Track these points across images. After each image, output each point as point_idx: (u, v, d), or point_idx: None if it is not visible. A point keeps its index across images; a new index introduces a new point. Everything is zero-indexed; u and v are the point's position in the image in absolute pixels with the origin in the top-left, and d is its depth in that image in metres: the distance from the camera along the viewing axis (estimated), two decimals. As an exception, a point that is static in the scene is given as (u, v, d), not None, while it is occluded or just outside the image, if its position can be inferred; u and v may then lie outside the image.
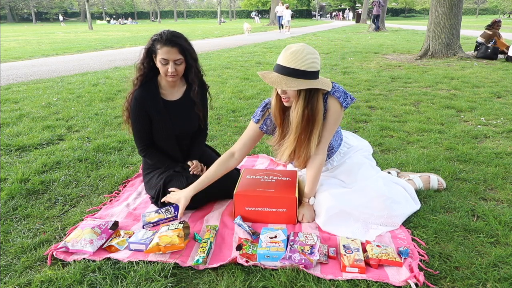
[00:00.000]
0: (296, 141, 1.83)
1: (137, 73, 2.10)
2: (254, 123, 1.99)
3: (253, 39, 16.02)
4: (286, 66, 1.68)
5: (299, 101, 1.75)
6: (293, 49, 1.68)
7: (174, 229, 1.74)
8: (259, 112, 1.98)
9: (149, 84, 2.11)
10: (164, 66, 1.99)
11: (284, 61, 1.68)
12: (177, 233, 1.69)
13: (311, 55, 1.69)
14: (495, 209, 2.06)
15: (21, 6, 59.89)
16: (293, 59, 1.67)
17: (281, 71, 1.69)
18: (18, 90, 5.46)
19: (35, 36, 20.03)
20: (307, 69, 1.68)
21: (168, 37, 1.97)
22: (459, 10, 7.99)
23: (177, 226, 1.76)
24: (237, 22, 47.50)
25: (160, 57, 1.97)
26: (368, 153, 2.23)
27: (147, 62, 2.06)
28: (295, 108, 1.77)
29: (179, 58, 1.99)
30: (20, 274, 1.58)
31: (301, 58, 1.67)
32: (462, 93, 5.05)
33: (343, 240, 1.75)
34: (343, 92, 1.85)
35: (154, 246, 1.64)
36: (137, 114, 2.10)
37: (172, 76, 2.02)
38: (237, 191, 1.98)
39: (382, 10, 20.00)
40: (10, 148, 3.09)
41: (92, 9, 58.34)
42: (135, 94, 2.08)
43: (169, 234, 1.69)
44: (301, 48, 1.68)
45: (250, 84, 5.81)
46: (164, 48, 1.96)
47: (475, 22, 32.24)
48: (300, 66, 1.66)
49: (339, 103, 1.84)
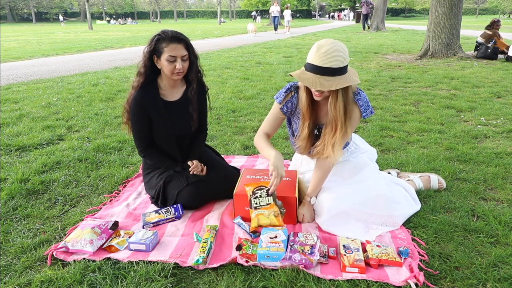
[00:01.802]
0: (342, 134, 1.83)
1: (138, 77, 2.08)
2: (278, 104, 2.01)
3: (252, 39, 16.03)
4: (322, 66, 1.68)
5: (338, 96, 1.76)
6: (325, 48, 1.68)
7: (266, 205, 1.82)
8: (283, 93, 1.99)
9: (149, 86, 2.10)
10: (171, 63, 1.99)
11: (318, 61, 1.68)
12: (272, 212, 1.80)
13: (342, 50, 1.70)
14: (495, 209, 2.06)
15: (21, 6, 59.89)
16: (328, 59, 1.67)
17: (318, 71, 1.69)
18: (18, 90, 5.46)
19: (35, 36, 20.04)
20: (341, 65, 1.69)
21: (173, 34, 1.99)
22: (459, 10, 7.99)
23: (268, 201, 1.82)
24: (237, 22, 47.51)
25: (167, 55, 1.97)
26: (373, 157, 2.24)
27: (149, 65, 2.05)
28: (336, 103, 1.77)
29: (185, 54, 2.01)
30: (20, 274, 1.58)
31: (335, 56, 1.67)
32: (462, 93, 5.05)
33: (343, 240, 1.75)
34: (366, 103, 1.88)
35: (257, 227, 1.79)
36: (137, 115, 2.10)
37: (178, 73, 2.02)
38: (237, 191, 1.98)
39: (382, 10, 20.01)
40: (10, 148, 3.09)
41: (92, 9, 58.35)
42: (135, 95, 2.08)
43: (264, 213, 1.80)
44: (333, 46, 1.69)
45: (250, 84, 5.81)
46: (171, 45, 1.97)
47: (475, 22, 32.24)
48: (335, 64, 1.68)
49: (360, 111, 1.87)
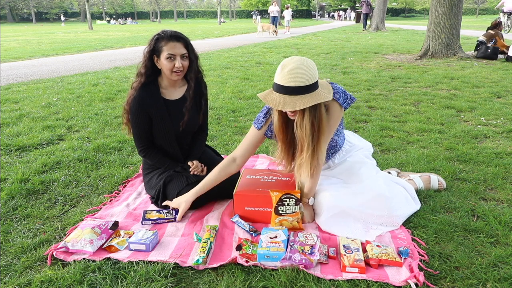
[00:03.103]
0: (312, 156, 1.77)
1: (139, 78, 2.09)
2: (256, 129, 1.96)
3: (252, 39, 16.02)
4: (287, 86, 1.63)
5: (305, 115, 1.69)
6: (290, 67, 1.63)
7: (292, 213, 1.86)
8: (262, 118, 1.94)
9: (149, 85, 2.11)
10: (170, 62, 2.00)
11: (283, 81, 1.63)
12: (296, 219, 1.86)
13: (308, 68, 1.64)
14: (495, 209, 2.06)
15: (21, 6, 59.89)
16: (292, 78, 1.62)
17: (282, 90, 1.64)
18: (18, 90, 5.46)
19: (35, 36, 20.03)
20: (307, 83, 1.63)
21: (172, 33, 2.01)
22: (459, 10, 7.98)
23: (294, 209, 1.86)
24: (237, 22, 47.50)
25: (166, 53, 1.98)
26: (369, 153, 2.24)
27: (149, 65, 2.06)
28: (302, 123, 1.70)
29: (184, 53, 2.02)
30: (20, 274, 1.58)
31: (300, 74, 1.62)
32: (462, 93, 5.05)
33: (343, 240, 1.75)
34: (343, 93, 1.84)
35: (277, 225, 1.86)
36: (137, 114, 2.10)
37: (178, 72, 2.03)
38: (237, 191, 1.99)
39: (382, 10, 20.01)
40: (10, 148, 3.09)
41: (92, 9, 58.34)
42: (135, 94, 2.08)
43: (288, 219, 1.86)
44: (297, 64, 1.63)
45: (250, 84, 5.81)
46: (170, 43, 1.98)
47: (475, 22, 32.22)
48: (300, 83, 1.62)
49: (339, 104, 1.84)
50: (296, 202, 1.85)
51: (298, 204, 1.86)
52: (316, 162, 1.82)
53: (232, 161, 1.99)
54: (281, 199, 1.85)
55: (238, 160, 1.99)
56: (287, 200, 1.85)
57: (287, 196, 1.85)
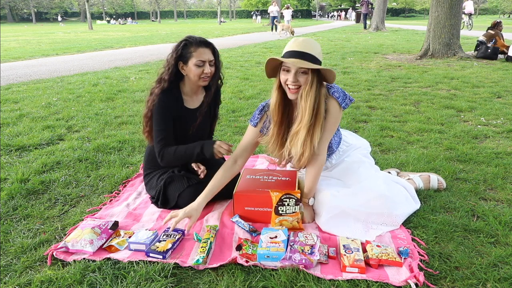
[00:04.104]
0: (308, 129, 1.80)
1: (162, 83, 2.01)
2: (253, 127, 1.98)
3: (252, 39, 16.02)
4: (300, 51, 1.74)
5: (312, 89, 1.76)
6: (303, 38, 1.78)
7: (292, 213, 1.86)
8: (257, 115, 1.97)
9: (171, 91, 2.05)
10: (199, 68, 1.96)
11: (298, 47, 1.75)
12: (296, 219, 1.86)
13: (318, 46, 1.81)
14: (495, 209, 2.06)
15: (21, 6, 59.89)
16: (307, 46, 1.75)
17: (295, 55, 1.74)
18: (18, 90, 5.46)
19: (35, 36, 20.03)
20: (318, 56, 1.77)
21: (201, 39, 1.99)
22: (459, 10, 7.99)
23: (294, 209, 1.86)
24: (237, 22, 47.50)
25: (195, 60, 1.95)
26: (367, 152, 2.24)
27: (174, 71, 2.01)
28: (308, 96, 1.76)
29: (212, 59, 2.00)
30: (20, 274, 1.58)
31: (313, 46, 1.77)
32: (462, 93, 5.05)
33: (343, 240, 1.75)
34: (342, 93, 1.87)
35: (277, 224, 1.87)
36: (163, 115, 2.03)
37: (205, 79, 2.00)
38: (237, 191, 1.99)
39: (382, 10, 20.00)
40: (10, 148, 3.09)
41: (92, 9, 58.31)
42: (161, 97, 2.00)
43: (288, 219, 1.86)
44: (309, 39, 1.80)
45: (250, 84, 5.81)
46: (199, 49, 1.96)
47: (475, 22, 32.21)
48: (313, 52, 1.75)
49: (338, 103, 1.86)
50: (296, 202, 1.85)
51: (298, 204, 1.86)
52: (310, 150, 1.83)
53: (234, 162, 1.99)
54: (281, 199, 1.85)
55: (239, 161, 2.00)
56: (287, 200, 1.85)
57: (287, 196, 1.85)
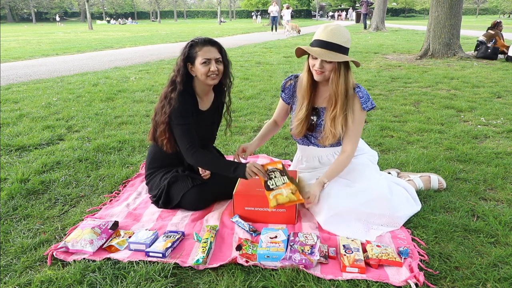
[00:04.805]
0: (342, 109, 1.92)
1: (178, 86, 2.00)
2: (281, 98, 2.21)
3: (252, 39, 16.02)
4: (328, 41, 1.82)
5: (341, 74, 1.87)
6: (332, 26, 1.84)
7: (282, 184, 1.84)
8: (283, 82, 2.17)
9: (187, 93, 2.05)
10: (205, 66, 1.97)
11: (326, 37, 1.83)
12: (290, 189, 1.83)
13: (346, 32, 1.86)
14: (495, 209, 2.06)
15: (21, 6, 59.88)
16: (334, 35, 1.82)
17: (323, 45, 1.83)
18: (18, 90, 5.46)
19: (35, 36, 20.04)
20: (345, 45, 1.84)
21: (206, 38, 2.02)
22: (459, 10, 7.99)
23: (284, 180, 1.85)
24: (237, 22, 47.49)
25: (201, 58, 1.96)
26: (374, 159, 2.24)
27: (184, 73, 2.01)
28: (338, 80, 1.88)
29: (218, 57, 2.02)
30: (20, 274, 1.58)
31: (341, 34, 1.83)
32: (462, 93, 5.05)
33: (343, 240, 1.75)
34: (366, 95, 1.95)
35: (277, 205, 1.80)
36: (185, 115, 2.02)
37: (213, 77, 2.00)
38: (237, 191, 1.99)
39: (382, 10, 20.00)
40: (10, 148, 3.09)
41: (92, 9, 58.31)
42: (180, 99, 1.99)
43: (283, 193, 1.82)
44: (339, 26, 1.86)
45: (250, 84, 5.81)
46: (204, 48, 1.98)
47: (475, 22, 32.24)
48: (340, 41, 1.82)
49: (360, 103, 1.94)
50: (281, 173, 1.87)
51: (284, 175, 1.87)
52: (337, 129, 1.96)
53: (274, 123, 2.29)
54: (267, 174, 1.87)
55: (278, 122, 2.30)
56: (272, 173, 1.88)
57: (271, 170, 1.89)
